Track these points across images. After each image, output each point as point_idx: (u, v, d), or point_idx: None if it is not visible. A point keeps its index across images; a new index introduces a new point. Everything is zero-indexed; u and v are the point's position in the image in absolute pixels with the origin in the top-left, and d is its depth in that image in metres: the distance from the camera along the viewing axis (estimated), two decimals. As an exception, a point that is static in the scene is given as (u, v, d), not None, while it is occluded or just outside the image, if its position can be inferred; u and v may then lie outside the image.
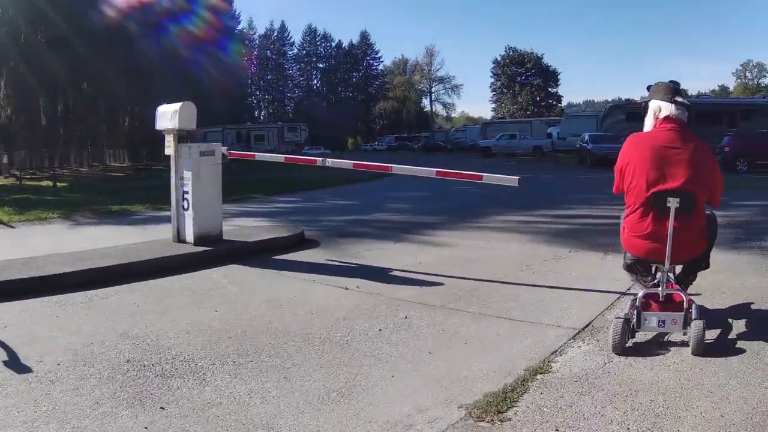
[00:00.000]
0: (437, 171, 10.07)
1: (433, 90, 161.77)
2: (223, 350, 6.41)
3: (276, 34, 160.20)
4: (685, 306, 6.18)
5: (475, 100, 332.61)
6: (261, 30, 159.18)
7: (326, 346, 6.52)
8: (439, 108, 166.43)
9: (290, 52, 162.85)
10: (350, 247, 12.53)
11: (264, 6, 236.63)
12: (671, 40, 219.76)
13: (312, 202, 22.90)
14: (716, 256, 7.43)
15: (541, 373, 5.64)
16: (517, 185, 9.43)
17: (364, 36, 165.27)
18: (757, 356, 5.95)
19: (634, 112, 53.34)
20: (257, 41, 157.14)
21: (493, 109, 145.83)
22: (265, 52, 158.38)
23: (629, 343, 6.25)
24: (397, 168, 10.61)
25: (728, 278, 9.07)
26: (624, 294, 8.30)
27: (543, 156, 68.06)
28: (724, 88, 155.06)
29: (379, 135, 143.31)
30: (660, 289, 6.40)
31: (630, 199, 6.43)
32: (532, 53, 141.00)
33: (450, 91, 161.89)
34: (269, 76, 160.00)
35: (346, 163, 11.55)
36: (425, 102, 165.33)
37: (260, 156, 12.97)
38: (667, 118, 6.39)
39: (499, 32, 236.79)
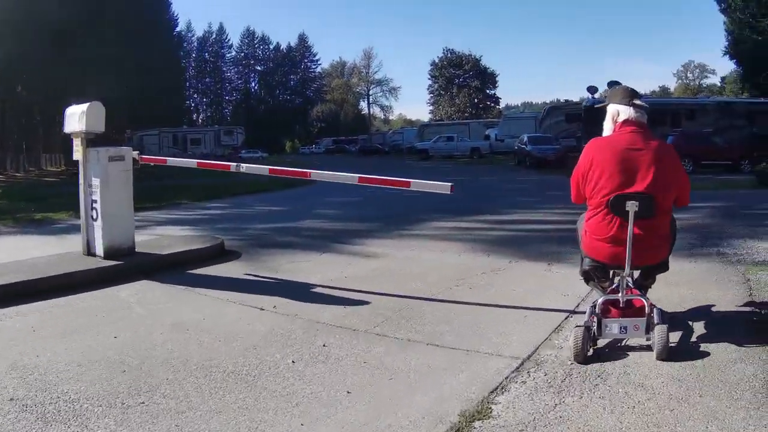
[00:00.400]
0: (359, 177, 8.90)
1: (370, 92, 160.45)
2: (114, 388, 5.40)
3: (214, 36, 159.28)
4: (647, 311, 6.04)
5: (412, 103, 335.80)
6: (200, 32, 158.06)
7: (230, 383, 5.53)
8: (377, 110, 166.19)
9: (228, 55, 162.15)
10: (272, 259, 11.47)
11: (203, 8, 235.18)
12: (610, 42, 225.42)
13: (241, 209, 21.90)
14: (673, 265, 6.99)
15: (479, 419, 4.68)
16: (449, 192, 8.26)
17: (302, 38, 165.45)
18: (724, 364, 5.66)
19: (573, 114, 54.64)
20: (195, 43, 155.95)
21: (431, 112, 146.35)
22: (203, 54, 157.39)
23: (590, 352, 6.02)
24: (317, 174, 9.56)
25: (689, 292, 8.26)
26: (573, 313, 7.50)
27: (481, 158, 67.60)
28: (664, 89, 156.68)
29: (317, 138, 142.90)
30: (620, 294, 6.21)
31: (593, 202, 6.25)
32: (470, 55, 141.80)
33: (388, 94, 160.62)
34: (207, 79, 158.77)
35: (262, 169, 10.48)
36: (363, 105, 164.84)
37: (172, 161, 11.74)
38: (626, 122, 6.29)
39: (437, 34, 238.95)
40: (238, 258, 11.64)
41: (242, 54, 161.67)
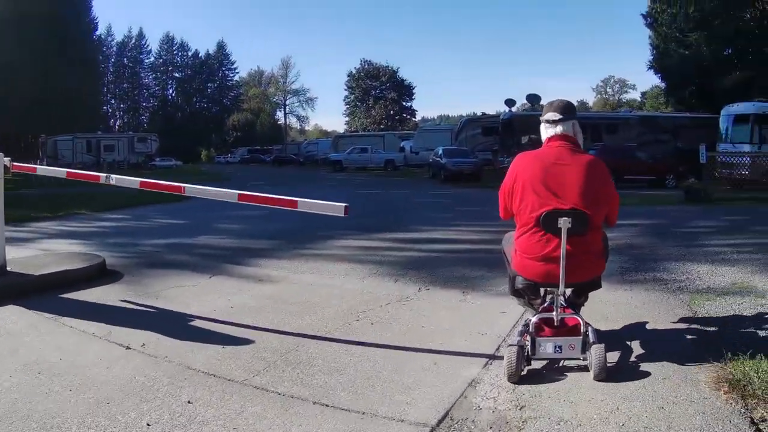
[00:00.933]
0: (239, 195, 7.65)
1: (287, 102, 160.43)
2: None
3: (133, 41, 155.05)
4: (582, 329, 5.83)
5: (329, 114, 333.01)
6: (120, 36, 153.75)
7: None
8: (293, 121, 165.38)
9: (147, 61, 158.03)
10: (156, 282, 10.11)
11: (125, 12, 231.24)
12: (528, 57, 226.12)
13: (140, 221, 20.45)
14: (608, 295, 7.25)
15: None
16: (343, 215, 7.23)
17: (221, 46, 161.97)
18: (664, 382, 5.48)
19: (490, 127, 54.20)
20: (115, 48, 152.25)
21: (347, 123, 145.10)
22: (122, 59, 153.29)
23: (524, 371, 5.73)
24: (192, 189, 8.21)
25: (629, 331, 7.18)
26: (492, 358, 6.35)
27: (395, 170, 66.71)
28: (583, 103, 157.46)
29: (233, 147, 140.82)
30: (554, 313, 5.99)
31: (522, 219, 6.02)
32: (388, 67, 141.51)
33: (304, 104, 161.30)
34: (125, 84, 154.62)
35: (133, 182, 9.07)
36: (280, 114, 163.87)
37: (41, 170, 10.43)
38: (555, 136, 6.08)
39: (355, 46, 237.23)
40: (119, 280, 10.30)
41: (161, 60, 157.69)
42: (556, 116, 6.11)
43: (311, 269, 11.42)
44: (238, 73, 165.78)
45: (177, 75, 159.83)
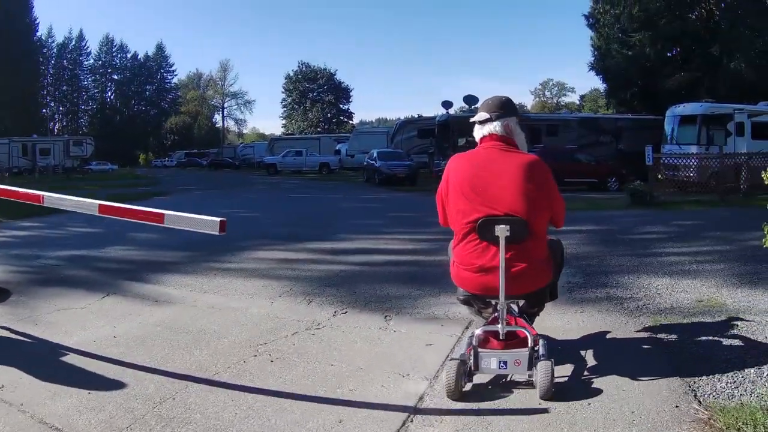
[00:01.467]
0: (100, 206, 6.27)
1: (225, 105, 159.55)
2: None
3: (73, 42, 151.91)
4: (530, 344, 5.24)
5: (267, 117, 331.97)
6: (60, 38, 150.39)
7: None
8: (231, 124, 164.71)
9: (86, 63, 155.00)
10: (42, 304, 8.82)
11: (67, 13, 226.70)
12: (466, 61, 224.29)
13: (55, 229, 18.92)
14: (555, 319, 6.71)
15: None
16: (218, 233, 5.74)
17: (160, 48, 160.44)
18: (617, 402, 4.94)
19: (426, 129, 53.30)
20: (55, 49, 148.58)
21: (284, 125, 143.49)
22: (62, 61, 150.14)
23: (467, 387, 5.26)
24: (51, 199, 6.83)
25: (586, 372, 5.91)
26: (414, 412, 5.04)
27: (330, 173, 65.68)
28: (521, 107, 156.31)
29: (170, 151, 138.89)
30: (500, 325, 5.41)
31: (455, 227, 5.58)
32: (325, 69, 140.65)
33: (242, 107, 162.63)
34: (64, 87, 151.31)
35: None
36: (218, 118, 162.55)
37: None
38: (486, 137, 5.66)
39: (293, 48, 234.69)
40: (4, 300, 8.78)
41: (100, 62, 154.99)
42: (485, 115, 5.67)
43: (217, 287, 10.18)
44: (176, 75, 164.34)
45: (116, 77, 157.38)
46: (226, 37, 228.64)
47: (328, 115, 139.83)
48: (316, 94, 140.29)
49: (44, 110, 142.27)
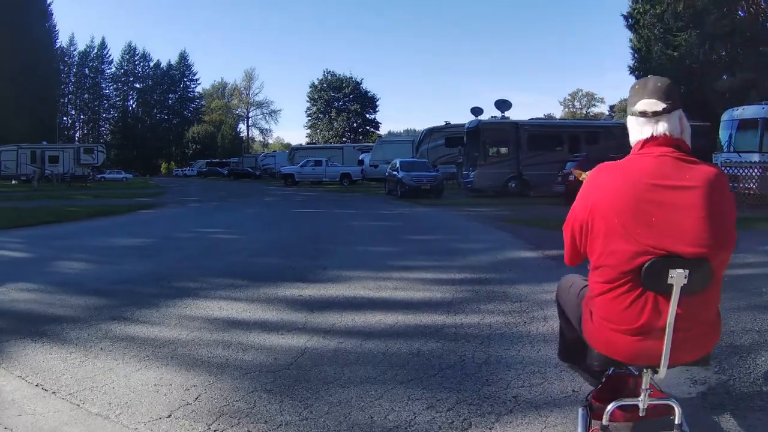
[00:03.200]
0: None
1: (250, 115, 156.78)
2: None
3: (95, 51, 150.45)
4: (676, 420, 3.80)
5: (293, 127, 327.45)
6: (82, 47, 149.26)
7: None
8: (256, 133, 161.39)
9: (108, 71, 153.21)
10: None
11: (88, 21, 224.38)
12: (495, 71, 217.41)
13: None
14: None
15: None
16: None
17: (183, 56, 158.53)
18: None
19: (454, 137, 50.27)
20: (76, 58, 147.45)
21: (308, 135, 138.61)
22: (83, 69, 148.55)
23: None
24: None
25: None
26: None
27: (352, 185, 60.89)
28: (550, 117, 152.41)
29: (192, 160, 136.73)
30: (641, 398, 3.86)
31: (605, 272, 3.75)
32: (351, 78, 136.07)
33: (268, 117, 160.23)
34: (85, 96, 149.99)
35: None
36: (243, 127, 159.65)
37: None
38: (656, 139, 3.74)
39: (319, 58, 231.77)
40: None
41: (122, 70, 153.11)
42: (659, 105, 3.69)
43: (81, 381, 5.61)
44: (199, 84, 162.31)
45: (138, 86, 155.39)
46: (251, 47, 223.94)
47: (354, 124, 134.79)
48: (342, 103, 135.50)
49: (65, 118, 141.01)
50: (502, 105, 43.24)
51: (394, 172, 41.56)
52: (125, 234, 19.50)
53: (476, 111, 45.80)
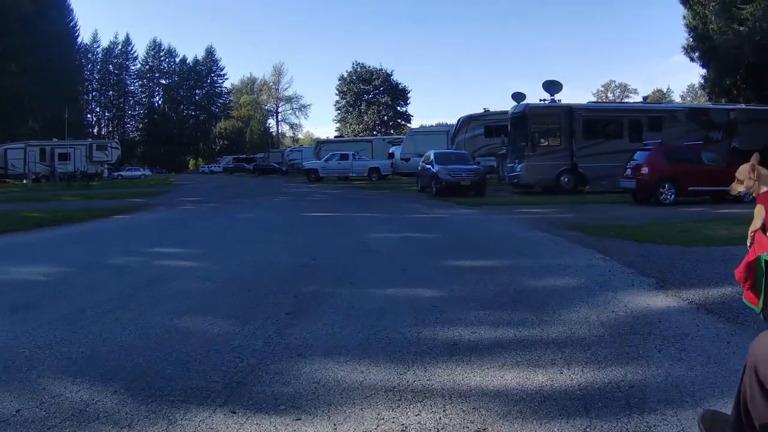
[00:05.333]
0: None
1: (280, 110, 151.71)
2: None
3: (120, 47, 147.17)
4: None
5: (323, 122, 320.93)
6: (106, 43, 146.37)
7: None
8: (286, 129, 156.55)
9: (133, 67, 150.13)
10: None
11: (111, 18, 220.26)
12: (525, 65, 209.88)
13: None
14: None
15: None
16: None
17: (210, 52, 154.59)
18: None
19: (494, 126, 44.52)
20: (100, 54, 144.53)
21: (337, 129, 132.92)
22: (107, 66, 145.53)
23: None
24: None
25: None
26: None
27: (381, 180, 54.80)
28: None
29: (220, 155, 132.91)
30: None
31: None
32: (381, 70, 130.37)
33: (297, 111, 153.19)
34: (110, 92, 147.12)
35: None
36: (272, 122, 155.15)
37: None
38: None
39: (349, 51, 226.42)
40: None
41: (147, 66, 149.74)
42: None
43: None
44: (227, 79, 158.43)
45: (164, 82, 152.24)
46: (279, 41, 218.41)
47: (385, 117, 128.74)
48: (372, 95, 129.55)
49: (89, 115, 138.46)
50: (552, 87, 36.49)
51: (428, 166, 34.83)
52: (41, 256, 13.78)
53: (518, 97, 39.06)
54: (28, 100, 75.82)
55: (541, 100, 35.72)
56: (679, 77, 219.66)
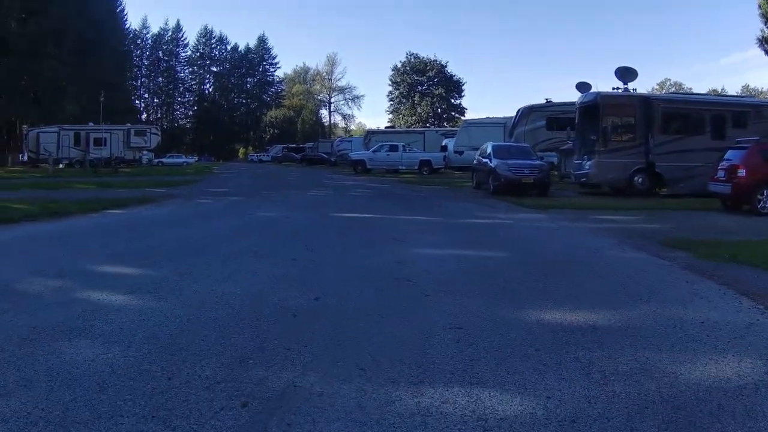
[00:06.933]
0: None
1: (333, 100, 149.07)
2: None
3: (170, 34, 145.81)
4: None
5: (376, 113, 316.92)
6: (155, 29, 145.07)
7: None
8: (338, 119, 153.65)
9: (183, 54, 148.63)
10: None
11: (161, 4, 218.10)
12: (580, 60, 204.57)
13: None
14: None
15: None
16: None
17: (262, 40, 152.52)
18: None
19: (558, 117, 40.26)
20: (150, 41, 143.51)
21: (390, 120, 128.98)
22: (157, 52, 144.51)
23: None
24: None
25: None
26: None
27: (433, 173, 50.58)
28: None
29: (270, 144, 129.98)
30: None
31: None
32: (435, 61, 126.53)
33: (350, 102, 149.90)
34: (159, 79, 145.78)
35: None
36: (324, 113, 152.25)
37: None
38: None
39: (403, 42, 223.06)
40: None
41: (197, 54, 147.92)
42: None
43: None
44: (279, 68, 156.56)
45: (215, 69, 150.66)
46: (334, 32, 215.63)
47: (438, 110, 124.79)
48: (426, 87, 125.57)
49: (137, 102, 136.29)
50: (626, 74, 31.75)
51: (486, 160, 30.42)
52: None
53: (583, 86, 34.46)
54: (67, 84, 72.87)
55: (614, 88, 31.19)
56: (733, 78, 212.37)
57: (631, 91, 30.67)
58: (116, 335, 6.03)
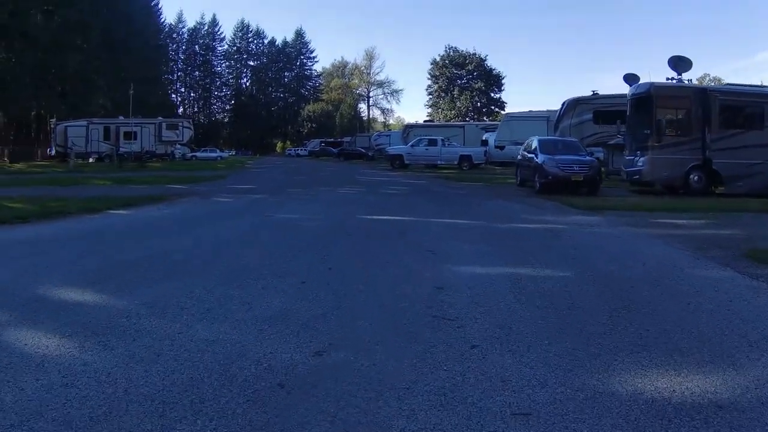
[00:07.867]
0: None
1: (371, 94, 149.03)
2: None
3: (206, 28, 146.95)
4: None
5: (415, 108, 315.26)
6: (191, 23, 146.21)
7: None
8: (377, 113, 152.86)
9: (220, 48, 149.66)
10: None
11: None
12: (622, 55, 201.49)
13: None
14: None
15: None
16: None
17: (300, 34, 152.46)
18: None
19: (606, 111, 37.69)
20: (186, 35, 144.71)
21: (429, 114, 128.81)
22: (194, 46, 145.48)
23: None
24: None
25: None
26: None
27: (473, 169, 47.99)
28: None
29: (307, 139, 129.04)
30: None
31: None
32: (474, 54, 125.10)
33: (389, 96, 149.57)
34: (196, 73, 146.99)
35: None
36: (363, 107, 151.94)
37: None
38: None
39: (442, 36, 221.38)
40: None
41: (234, 48, 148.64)
42: None
43: None
44: (317, 62, 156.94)
45: (252, 63, 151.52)
46: (372, 26, 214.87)
47: (478, 104, 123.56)
48: (465, 81, 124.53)
49: (175, 95, 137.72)
50: (680, 64, 29.20)
51: (531, 155, 28.16)
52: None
53: (630, 78, 32.09)
54: (97, 78, 71.95)
55: (667, 78, 28.76)
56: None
57: (686, 82, 28.34)
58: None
